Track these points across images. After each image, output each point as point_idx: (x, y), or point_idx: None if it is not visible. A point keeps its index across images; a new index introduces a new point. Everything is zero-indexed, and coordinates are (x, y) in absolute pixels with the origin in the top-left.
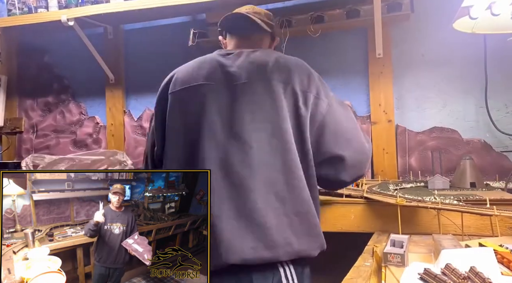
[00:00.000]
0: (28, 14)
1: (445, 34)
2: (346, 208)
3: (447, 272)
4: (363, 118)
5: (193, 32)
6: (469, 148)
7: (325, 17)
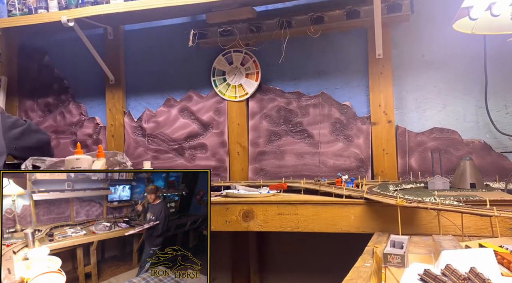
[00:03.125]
0: (28, 15)
1: (445, 35)
2: (346, 209)
3: (447, 273)
4: (363, 119)
5: (193, 33)
6: (469, 149)
7: (325, 17)
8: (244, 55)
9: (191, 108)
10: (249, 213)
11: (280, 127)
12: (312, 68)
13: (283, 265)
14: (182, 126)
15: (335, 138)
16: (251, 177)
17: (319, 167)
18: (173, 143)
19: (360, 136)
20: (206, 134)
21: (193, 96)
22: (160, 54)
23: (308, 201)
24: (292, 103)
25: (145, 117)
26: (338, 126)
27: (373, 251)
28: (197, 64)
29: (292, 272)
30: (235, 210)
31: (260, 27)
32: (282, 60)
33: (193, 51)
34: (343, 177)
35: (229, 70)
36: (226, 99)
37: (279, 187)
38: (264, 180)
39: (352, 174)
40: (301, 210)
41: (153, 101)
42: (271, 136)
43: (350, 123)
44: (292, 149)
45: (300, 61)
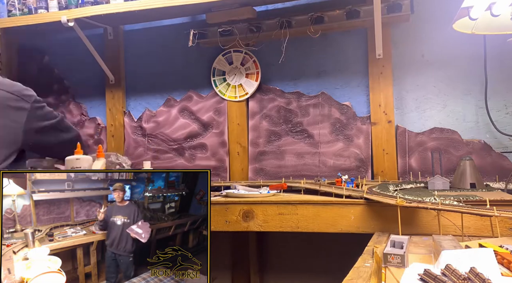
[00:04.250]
0: (28, 15)
1: (445, 35)
2: (346, 209)
3: (447, 273)
4: (363, 119)
5: (193, 33)
6: (469, 149)
7: (325, 17)
8: (244, 55)
9: (191, 108)
10: (249, 213)
11: (280, 127)
12: (312, 68)
13: (283, 265)
14: (182, 126)
15: (335, 138)
16: (251, 177)
17: (319, 167)
18: (173, 143)
19: (360, 136)
20: (206, 134)
21: (193, 96)
22: (160, 54)
23: (308, 201)
24: (292, 103)
25: (145, 117)
26: (338, 126)
27: (373, 251)
28: (197, 64)
29: (292, 272)
30: (235, 210)
31: (260, 27)
32: (282, 60)
33: (193, 51)
34: (343, 177)
35: (229, 70)
36: (226, 99)
37: (279, 187)
38: (264, 180)
39: (352, 174)
40: (301, 210)
41: (153, 101)
42: (271, 136)
43: (350, 123)
44: (292, 149)
45: (300, 61)
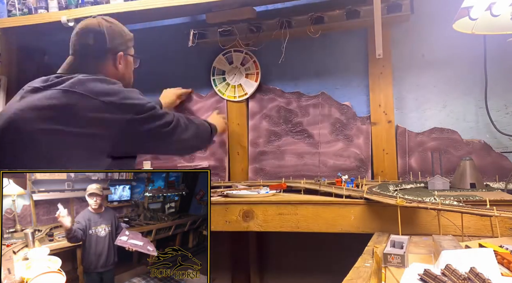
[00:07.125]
0: (28, 15)
1: (445, 35)
2: (346, 209)
3: (447, 273)
4: (363, 119)
5: (193, 33)
6: (469, 149)
7: (324, 17)
8: (245, 55)
9: (190, 107)
10: (249, 213)
11: (280, 127)
12: (312, 68)
13: (283, 265)
14: None
15: (335, 138)
16: (251, 177)
17: (319, 167)
18: None
19: (360, 136)
20: None
21: (192, 96)
22: (160, 54)
23: (308, 201)
24: (292, 103)
25: None
26: (338, 126)
27: (373, 251)
28: (197, 64)
29: (292, 272)
30: (235, 210)
31: (260, 27)
32: (282, 60)
33: (193, 52)
34: (343, 177)
35: (229, 70)
36: (225, 98)
37: (279, 187)
38: (264, 180)
39: (352, 174)
40: (301, 210)
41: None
42: (271, 136)
43: (350, 123)
44: (292, 149)
45: (300, 61)
